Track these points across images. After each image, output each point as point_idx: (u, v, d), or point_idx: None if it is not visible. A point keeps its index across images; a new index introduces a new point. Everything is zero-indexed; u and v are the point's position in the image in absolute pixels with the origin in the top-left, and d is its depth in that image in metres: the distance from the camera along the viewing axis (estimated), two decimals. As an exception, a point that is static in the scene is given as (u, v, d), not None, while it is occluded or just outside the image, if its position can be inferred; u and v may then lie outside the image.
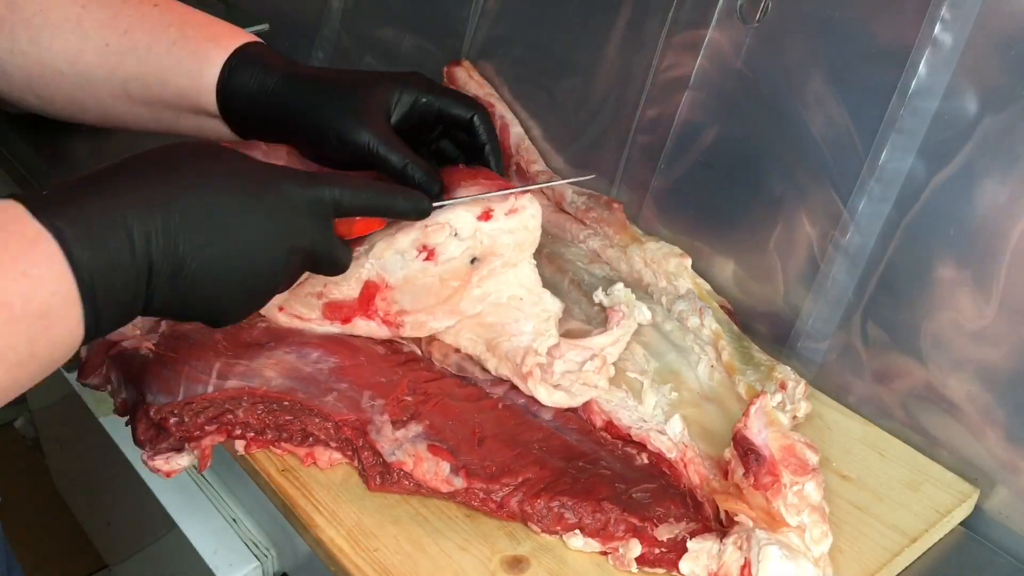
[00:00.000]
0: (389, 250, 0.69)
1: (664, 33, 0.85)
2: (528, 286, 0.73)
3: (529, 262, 0.73)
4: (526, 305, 0.72)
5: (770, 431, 0.62)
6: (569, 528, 0.63)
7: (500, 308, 0.72)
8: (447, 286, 0.70)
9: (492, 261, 0.71)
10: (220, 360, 0.67)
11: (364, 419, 0.66)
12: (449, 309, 0.71)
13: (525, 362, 0.69)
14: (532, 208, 0.71)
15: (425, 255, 0.69)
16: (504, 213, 0.70)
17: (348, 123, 0.68)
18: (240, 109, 0.71)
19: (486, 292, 0.72)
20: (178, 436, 0.65)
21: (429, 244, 0.69)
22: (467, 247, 0.70)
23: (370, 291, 0.70)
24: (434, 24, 1.09)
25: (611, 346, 0.72)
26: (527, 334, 0.70)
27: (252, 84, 0.69)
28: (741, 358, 0.74)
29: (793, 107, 0.76)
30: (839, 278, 0.75)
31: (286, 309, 0.72)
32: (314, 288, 0.71)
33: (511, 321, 0.71)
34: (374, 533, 0.63)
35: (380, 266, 0.70)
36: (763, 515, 0.59)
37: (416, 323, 0.71)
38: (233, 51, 0.70)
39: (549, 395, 0.69)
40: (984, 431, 0.69)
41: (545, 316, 0.71)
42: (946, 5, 0.67)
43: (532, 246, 0.73)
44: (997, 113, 0.66)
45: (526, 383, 0.69)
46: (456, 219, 0.69)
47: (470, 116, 0.75)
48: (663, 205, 0.88)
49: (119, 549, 1.17)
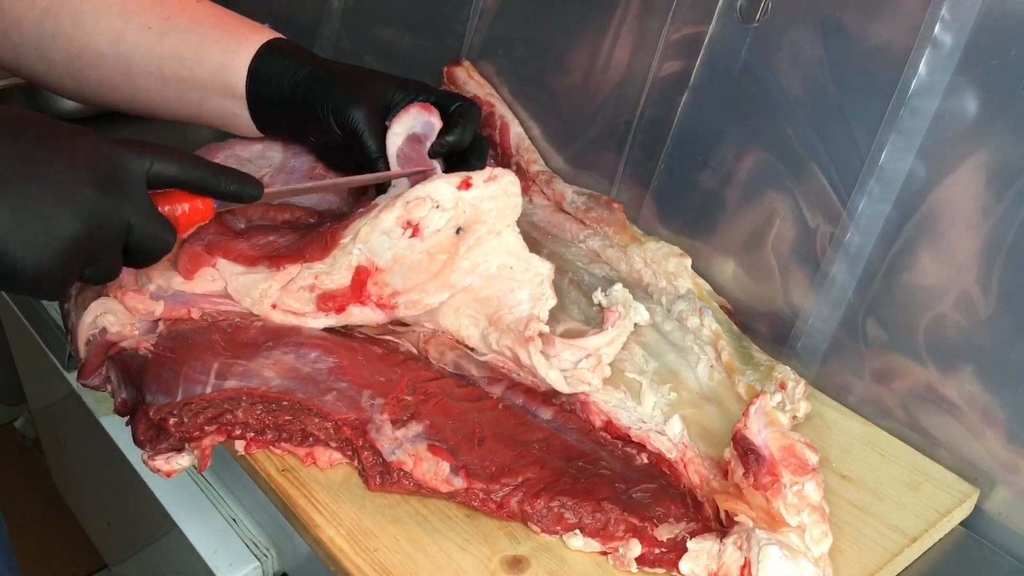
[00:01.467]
0: (374, 232, 0.70)
1: (664, 33, 0.85)
2: (516, 253, 0.73)
3: (512, 229, 0.73)
4: (517, 273, 0.72)
5: (770, 431, 0.62)
6: (569, 528, 0.63)
7: (492, 280, 0.72)
8: (435, 260, 0.71)
9: (477, 229, 0.71)
10: (218, 360, 0.67)
11: (364, 418, 0.66)
12: (440, 283, 0.71)
13: (529, 327, 0.69)
14: (510, 175, 0.72)
15: (411, 231, 0.70)
16: (483, 180, 0.71)
17: (345, 107, 0.74)
18: (265, 93, 0.76)
19: (474, 263, 0.72)
20: (178, 436, 0.65)
21: (413, 219, 0.70)
22: (450, 217, 0.70)
23: (361, 277, 0.71)
24: (434, 24, 1.09)
25: (607, 346, 0.72)
26: (525, 302, 0.71)
27: (279, 70, 0.75)
28: (741, 358, 0.74)
29: (793, 107, 0.76)
30: (839, 278, 0.75)
31: (279, 306, 0.72)
32: (305, 281, 0.71)
33: (506, 292, 0.72)
34: (374, 533, 0.63)
35: (368, 250, 0.70)
36: (763, 515, 0.59)
37: (410, 302, 0.72)
38: (267, 40, 0.76)
39: (546, 368, 0.69)
40: (984, 431, 0.69)
41: (538, 280, 0.72)
42: (946, 5, 0.67)
43: (515, 211, 0.73)
44: (997, 113, 0.66)
45: (527, 348, 0.69)
46: (436, 191, 0.70)
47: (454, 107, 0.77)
48: (663, 205, 0.88)
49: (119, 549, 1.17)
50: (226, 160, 0.89)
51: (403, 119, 0.75)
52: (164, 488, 0.85)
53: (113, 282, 0.71)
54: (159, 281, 0.72)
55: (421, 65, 1.07)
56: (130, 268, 0.66)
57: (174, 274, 0.73)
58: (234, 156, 0.89)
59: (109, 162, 0.58)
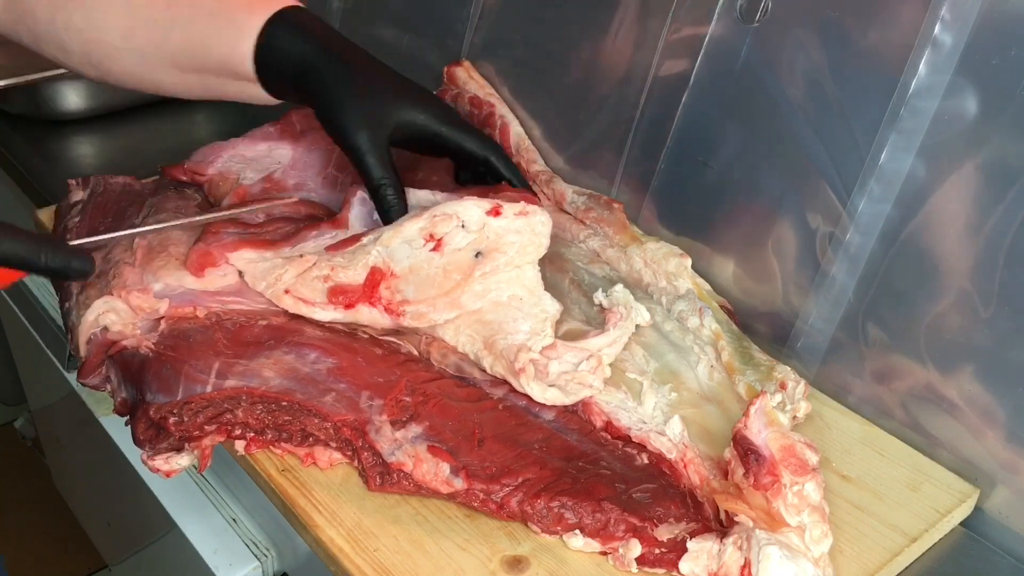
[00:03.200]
0: (396, 238, 0.70)
1: (664, 33, 0.85)
2: (530, 287, 0.73)
3: (534, 266, 0.74)
4: (525, 305, 0.72)
5: (770, 431, 0.62)
6: (569, 528, 0.63)
7: (500, 307, 0.72)
8: (450, 278, 0.71)
9: (496, 258, 0.71)
10: (219, 359, 0.67)
11: (363, 419, 0.66)
12: (450, 302, 0.71)
13: (518, 359, 0.69)
14: (543, 215, 0.72)
15: (432, 245, 0.70)
16: (514, 213, 0.71)
17: (352, 121, 0.71)
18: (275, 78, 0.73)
19: (487, 288, 0.72)
20: (178, 436, 0.65)
21: (436, 233, 0.70)
22: (473, 239, 0.71)
23: (375, 277, 0.71)
24: (434, 24, 1.09)
25: (608, 347, 0.72)
26: (523, 333, 0.71)
27: (286, 51, 0.71)
28: (741, 358, 0.74)
29: (793, 107, 0.76)
30: (839, 278, 0.75)
31: (292, 292, 0.72)
32: (321, 271, 0.71)
33: (509, 320, 0.71)
34: (374, 533, 0.63)
35: (387, 254, 0.71)
36: (763, 515, 0.59)
37: (417, 313, 0.72)
38: (269, 17, 0.72)
39: (542, 392, 0.69)
40: (984, 431, 0.69)
41: (543, 317, 0.72)
42: (946, 5, 0.67)
43: (538, 252, 0.73)
44: (997, 113, 0.66)
45: (519, 379, 0.69)
46: (464, 211, 0.70)
47: (484, 157, 0.78)
48: (663, 205, 0.88)
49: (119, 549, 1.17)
50: (230, 160, 0.88)
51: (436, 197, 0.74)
52: (164, 488, 0.85)
53: (116, 280, 0.71)
54: (167, 280, 0.72)
55: (421, 65, 1.07)
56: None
57: (184, 272, 0.73)
58: (238, 155, 0.88)
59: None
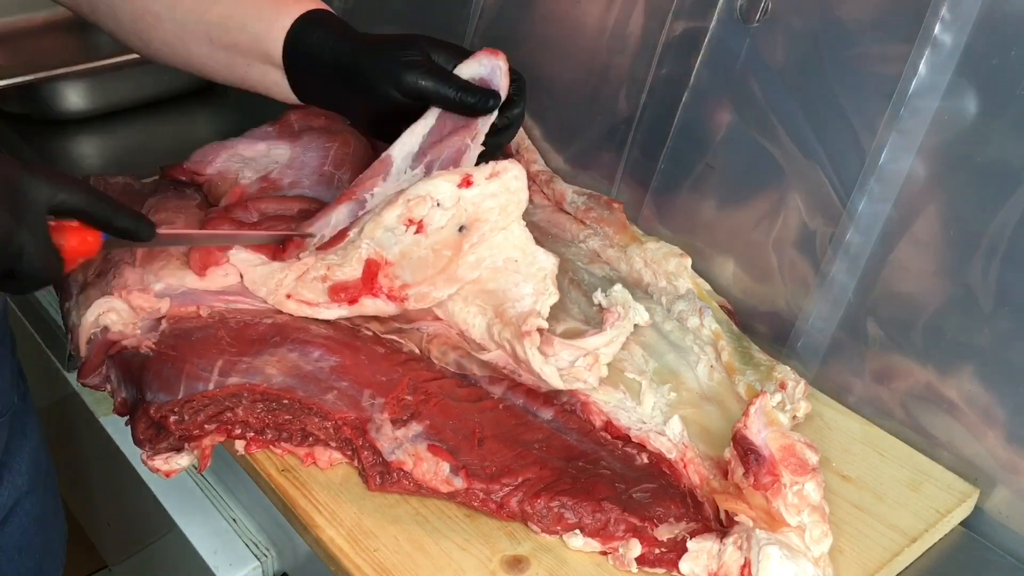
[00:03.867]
0: (378, 228, 0.70)
1: (664, 33, 0.86)
2: (521, 246, 0.73)
3: (519, 223, 0.73)
4: (522, 267, 0.73)
5: (770, 431, 0.62)
6: (569, 528, 0.63)
7: (499, 273, 0.72)
8: (441, 256, 0.71)
9: (480, 227, 0.71)
10: (224, 357, 0.67)
11: (364, 417, 0.66)
12: (447, 277, 0.72)
13: (528, 322, 0.69)
14: (514, 170, 0.72)
15: (415, 228, 0.70)
16: (484, 178, 0.71)
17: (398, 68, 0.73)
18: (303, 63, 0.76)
19: (480, 257, 0.72)
20: (178, 435, 0.65)
21: (414, 217, 0.70)
22: (452, 215, 0.70)
23: (372, 269, 0.71)
24: (434, 24, 1.09)
25: (605, 346, 0.72)
26: (528, 296, 0.71)
27: (316, 39, 0.75)
28: (741, 358, 0.74)
29: (793, 107, 0.76)
30: (839, 278, 0.75)
31: (294, 295, 0.72)
32: (318, 272, 0.72)
33: (511, 286, 0.72)
34: (374, 533, 0.63)
35: (376, 243, 0.71)
36: (763, 515, 0.59)
37: (419, 295, 0.72)
38: (307, 11, 0.76)
39: (542, 363, 0.69)
40: (984, 431, 0.69)
41: (542, 275, 0.72)
42: (946, 5, 0.67)
43: (519, 208, 0.73)
44: (997, 113, 0.66)
45: (523, 343, 0.69)
46: (435, 189, 0.70)
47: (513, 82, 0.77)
48: (663, 205, 0.88)
49: (119, 549, 1.17)
50: (229, 159, 0.89)
51: (470, 64, 0.74)
52: (164, 488, 0.85)
53: (117, 280, 0.71)
54: (169, 280, 0.72)
55: (421, 65, 1.07)
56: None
57: (187, 272, 0.73)
58: (237, 155, 0.89)
59: (12, 185, 0.57)
